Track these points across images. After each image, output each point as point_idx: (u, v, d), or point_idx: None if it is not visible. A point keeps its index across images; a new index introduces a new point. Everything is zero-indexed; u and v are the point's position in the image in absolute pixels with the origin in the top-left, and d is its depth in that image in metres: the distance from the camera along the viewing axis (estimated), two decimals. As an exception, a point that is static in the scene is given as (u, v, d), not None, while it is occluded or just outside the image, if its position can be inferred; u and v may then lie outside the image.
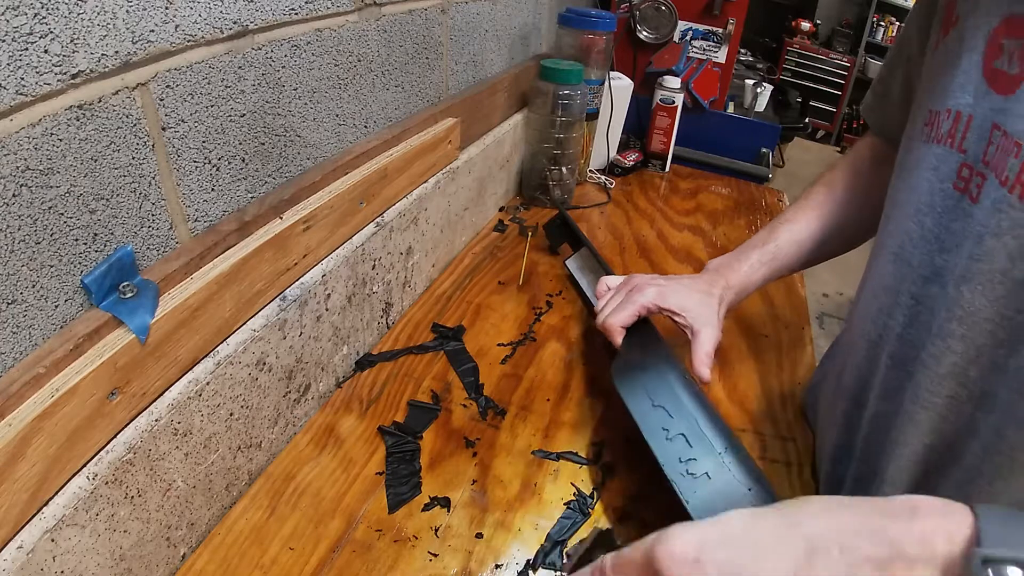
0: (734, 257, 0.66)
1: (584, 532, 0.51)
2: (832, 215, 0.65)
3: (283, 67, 0.51)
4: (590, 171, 1.19)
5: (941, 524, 0.26)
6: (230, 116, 0.47)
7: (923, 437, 0.44)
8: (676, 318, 0.60)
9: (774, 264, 0.64)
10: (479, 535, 0.50)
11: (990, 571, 0.23)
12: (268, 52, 0.49)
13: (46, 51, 0.32)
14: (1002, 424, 0.40)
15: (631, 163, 1.23)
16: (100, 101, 0.36)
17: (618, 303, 0.62)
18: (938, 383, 0.43)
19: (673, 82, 1.17)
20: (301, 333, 0.55)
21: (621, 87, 1.16)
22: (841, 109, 4.62)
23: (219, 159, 0.47)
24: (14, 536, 0.33)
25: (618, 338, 0.60)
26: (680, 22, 1.27)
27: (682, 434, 0.50)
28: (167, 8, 0.39)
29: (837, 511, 0.28)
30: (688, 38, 1.29)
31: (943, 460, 0.44)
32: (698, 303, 0.60)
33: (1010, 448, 0.39)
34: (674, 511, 0.53)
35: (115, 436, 0.39)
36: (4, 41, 0.30)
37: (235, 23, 0.45)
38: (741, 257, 0.65)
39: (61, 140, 0.34)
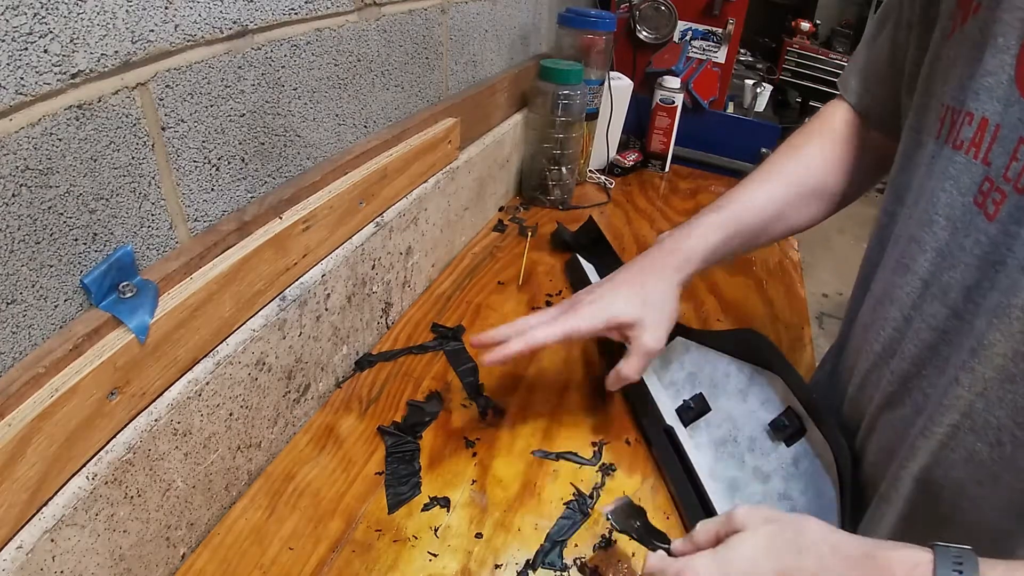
0: (687, 226, 0.59)
1: (584, 532, 0.51)
2: (794, 176, 0.60)
3: (283, 67, 0.51)
4: (590, 171, 1.19)
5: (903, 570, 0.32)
6: (230, 116, 0.47)
7: (920, 461, 0.42)
8: (618, 334, 0.56)
9: (736, 227, 0.58)
10: (479, 535, 0.50)
11: None
12: (268, 52, 0.49)
13: (46, 51, 0.32)
14: (1011, 459, 0.38)
15: (631, 163, 1.23)
16: (100, 101, 0.36)
17: (551, 316, 0.56)
18: (941, 412, 0.41)
19: (673, 82, 1.17)
20: (301, 333, 0.55)
21: (621, 87, 1.16)
22: (841, 109, 4.61)
23: (219, 159, 0.47)
24: (14, 536, 0.33)
25: (520, 350, 0.53)
26: (680, 22, 1.27)
27: None
28: (167, 8, 0.39)
29: (830, 564, 0.35)
30: (688, 38, 1.29)
31: (945, 491, 0.42)
32: (639, 308, 0.54)
33: (1018, 488, 0.38)
34: (673, 511, 0.54)
35: (115, 436, 0.39)
36: (4, 41, 0.30)
37: (235, 23, 0.45)
38: (693, 223, 0.59)
39: (61, 140, 0.34)
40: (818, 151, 0.61)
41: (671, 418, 0.60)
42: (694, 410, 0.60)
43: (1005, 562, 0.32)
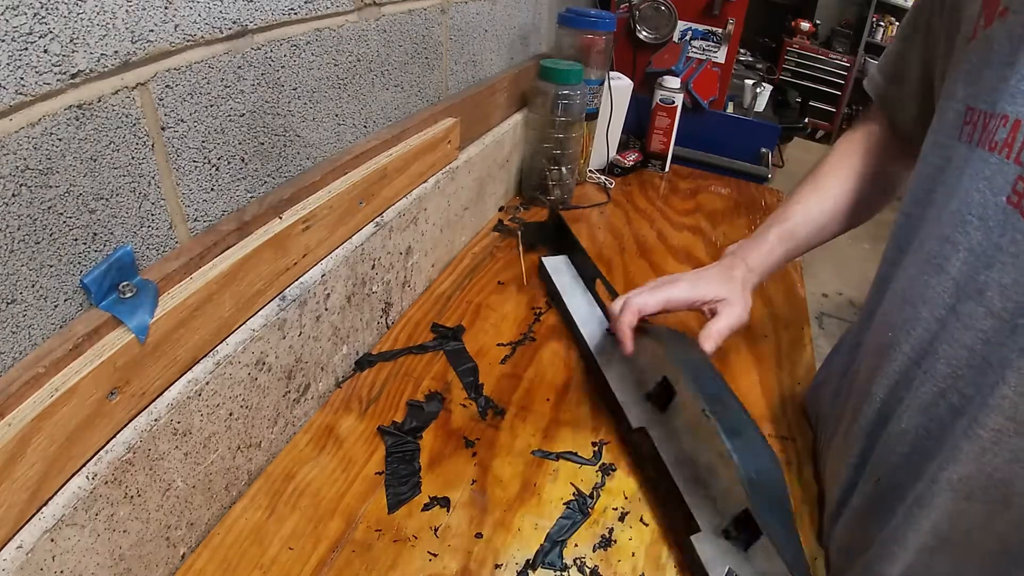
0: (751, 240, 0.66)
1: (584, 532, 0.51)
2: (843, 195, 0.65)
3: (283, 67, 0.51)
4: (590, 171, 1.19)
5: None
6: (230, 116, 0.47)
7: (963, 467, 0.42)
8: (706, 308, 0.60)
9: (791, 243, 0.65)
10: (479, 535, 0.50)
11: None
12: (268, 52, 0.49)
13: (46, 51, 0.32)
14: None
15: (631, 163, 1.23)
16: (100, 101, 0.36)
17: (645, 289, 0.61)
18: (985, 414, 0.40)
19: (673, 82, 1.17)
20: (300, 333, 0.55)
21: (621, 87, 1.16)
22: (841, 109, 4.62)
23: (219, 159, 0.47)
24: (13, 536, 0.33)
25: (629, 318, 0.58)
26: (680, 22, 1.27)
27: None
28: (167, 8, 0.39)
29: None
30: (688, 38, 1.29)
31: (986, 491, 0.42)
32: (727, 290, 0.60)
33: None
34: (674, 511, 0.53)
35: (114, 436, 0.39)
36: (4, 41, 0.30)
37: (235, 23, 0.45)
38: (759, 239, 0.65)
39: (61, 140, 0.34)
40: (862, 164, 0.65)
41: (645, 410, 0.60)
42: (664, 395, 0.60)
43: None
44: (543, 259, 0.86)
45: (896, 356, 0.48)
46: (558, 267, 0.84)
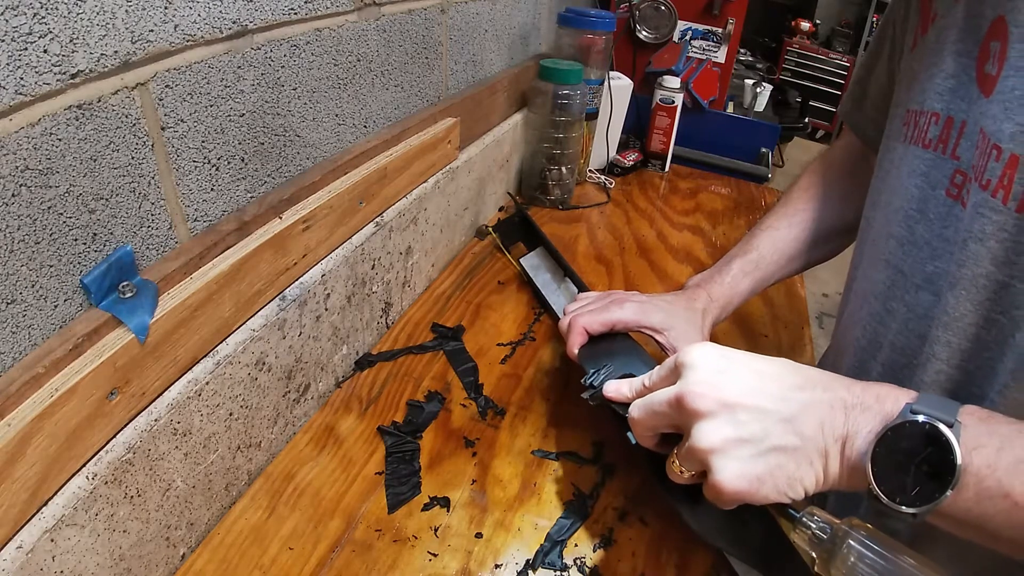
0: (715, 270, 0.63)
1: (584, 532, 0.51)
2: (814, 220, 0.63)
3: (282, 67, 0.51)
4: (590, 171, 1.19)
5: (892, 392, 0.36)
6: (229, 116, 0.47)
7: None
8: (657, 337, 0.57)
9: (757, 274, 0.62)
10: (479, 535, 0.50)
11: (920, 417, 0.33)
12: (267, 52, 0.49)
13: (45, 51, 0.32)
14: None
15: (631, 163, 1.23)
16: (99, 101, 0.36)
17: (593, 308, 0.59)
18: (924, 391, 0.42)
19: (673, 82, 1.17)
20: (300, 333, 0.55)
21: (621, 87, 1.16)
22: (841, 109, 4.62)
23: (219, 159, 0.47)
24: (13, 536, 0.33)
25: (578, 339, 0.57)
26: (680, 22, 1.27)
27: None
28: (166, 8, 0.39)
29: (825, 372, 0.38)
30: (688, 38, 1.29)
31: None
32: (681, 320, 0.58)
33: None
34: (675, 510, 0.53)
35: (114, 436, 0.39)
36: (4, 41, 0.30)
37: (234, 23, 0.45)
38: (722, 269, 0.63)
39: (60, 140, 0.34)
40: (831, 190, 0.64)
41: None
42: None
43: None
44: (521, 260, 0.85)
45: (854, 351, 0.50)
46: (536, 264, 0.83)
